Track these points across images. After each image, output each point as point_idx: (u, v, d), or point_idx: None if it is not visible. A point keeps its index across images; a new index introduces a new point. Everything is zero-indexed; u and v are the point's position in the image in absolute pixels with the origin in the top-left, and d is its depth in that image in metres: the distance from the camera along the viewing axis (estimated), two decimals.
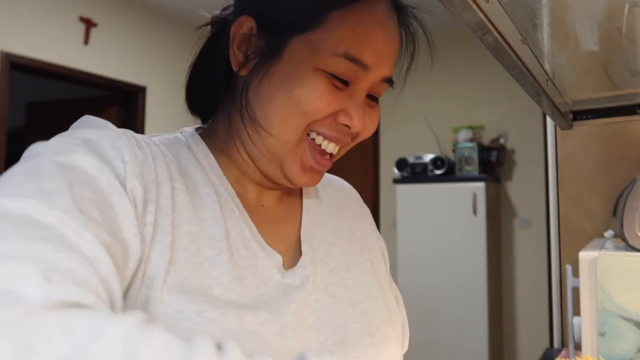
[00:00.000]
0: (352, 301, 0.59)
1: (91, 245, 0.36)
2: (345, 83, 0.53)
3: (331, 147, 0.55)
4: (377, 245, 0.70)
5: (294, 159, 0.55)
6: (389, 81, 0.57)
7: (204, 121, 0.63)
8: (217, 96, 0.60)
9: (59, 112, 3.91)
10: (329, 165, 0.57)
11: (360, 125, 0.54)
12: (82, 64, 3.41)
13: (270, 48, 0.53)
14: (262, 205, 0.60)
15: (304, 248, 0.59)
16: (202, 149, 0.57)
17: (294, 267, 0.56)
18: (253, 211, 0.57)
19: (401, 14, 0.58)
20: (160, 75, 3.90)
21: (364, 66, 0.53)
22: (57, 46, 3.27)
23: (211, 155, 0.57)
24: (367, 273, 0.64)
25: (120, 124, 3.57)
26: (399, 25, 0.58)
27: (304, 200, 0.64)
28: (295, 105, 0.52)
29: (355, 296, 0.60)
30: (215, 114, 0.61)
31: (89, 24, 3.43)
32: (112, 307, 0.37)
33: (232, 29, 0.55)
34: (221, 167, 0.57)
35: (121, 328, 0.28)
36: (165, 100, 3.93)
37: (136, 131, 0.55)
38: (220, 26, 0.59)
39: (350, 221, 0.68)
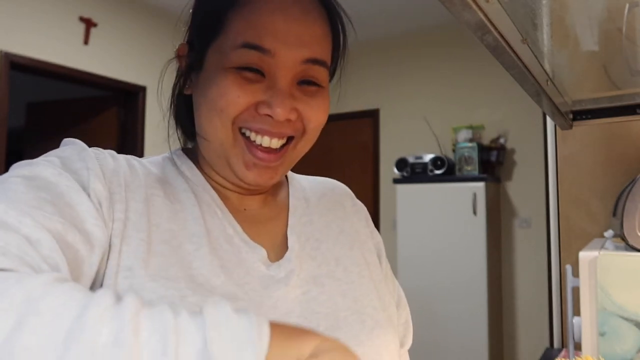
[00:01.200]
0: (341, 292, 0.60)
1: (31, 228, 0.39)
2: (259, 73, 0.54)
3: (266, 141, 0.55)
4: (370, 240, 0.71)
5: (237, 158, 0.56)
6: (319, 63, 0.56)
7: (191, 139, 0.66)
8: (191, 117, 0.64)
9: (59, 112, 3.91)
10: (275, 160, 0.56)
11: (285, 113, 0.53)
12: (82, 63, 3.41)
13: (194, 62, 0.58)
14: (245, 209, 0.62)
15: (290, 243, 0.61)
16: (185, 163, 0.61)
17: (280, 260, 0.58)
18: (237, 213, 0.60)
19: None
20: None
21: (266, 51, 0.53)
22: (57, 46, 3.27)
23: (194, 167, 0.61)
24: (358, 266, 0.65)
25: (120, 124, 3.54)
26: (324, 9, 0.58)
27: (291, 203, 0.66)
28: (211, 105, 0.54)
29: (344, 287, 0.61)
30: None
31: (89, 24, 3.43)
32: None
33: (176, 58, 0.62)
34: (205, 177, 0.61)
35: (27, 286, 0.30)
36: (166, 100, 3.92)
37: (136, 131, 0.57)
38: None
39: (340, 218, 0.69)
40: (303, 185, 0.71)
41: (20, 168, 0.47)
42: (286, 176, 0.70)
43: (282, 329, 0.33)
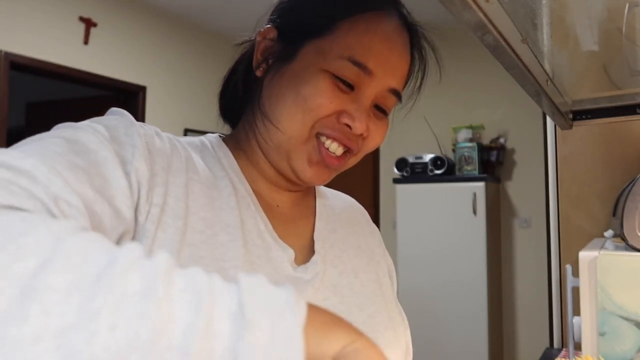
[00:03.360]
0: (358, 304, 0.61)
1: (61, 189, 0.37)
2: (350, 87, 0.57)
3: (334, 147, 0.57)
4: (384, 261, 0.73)
5: (301, 153, 0.57)
6: (396, 94, 0.60)
7: (233, 128, 0.67)
8: (242, 105, 0.65)
9: (58, 112, 3.91)
10: (336, 164, 0.58)
11: (362, 127, 0.56)
12: (82, 63, 3.41)
13: (285, 51, 0.59)
14: (277, 206, 0.63)
15: (317, 247, 0.62)
16: (223, 150, 0.62)
17: (307, 263, 0.59)
18: (268, 209, 0.61)
19: (411, 33, 0.64)
20: (160, 75, 3.90)
21: (367, 71, 0.56)
22: (57, 46, 3.27)
23: (231, 155, 0.61)
24: (372, 282, 0.66)
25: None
26: (409, 44, 0.62)
27: (318, 207, 0.68)
28: (300, 102, 0.55)
29: (360, 300, 0.62)
30: (240, 122, 0.66)
31: (88, 23, 3.43)
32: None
33: (258, 37, 0.62)
34: (240, 168, 0.61)
35: (55, 227, 0.29)
36: (165, 100, 3.93)
37: None
38: (253, 43, 0.65)
39: (357, 234, 0.71)
40: (327, 195, 0.73)
41: (63, 129, 0.45)
42: None
43: (318, 313, 0.30)
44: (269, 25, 0.61)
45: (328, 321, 0.31)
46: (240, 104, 0.65)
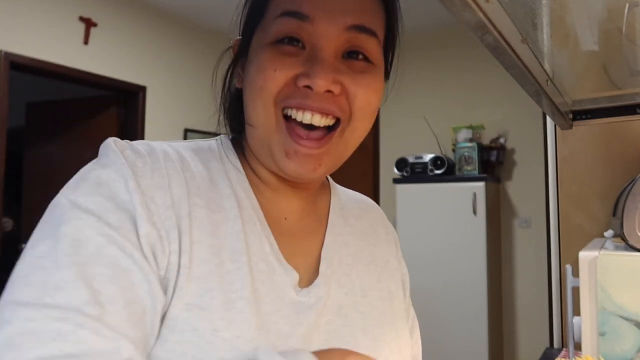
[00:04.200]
0: (362, 327, 0.58)
1: (107, 340, 0.39)
2: (298, 45, 0.51)
3: (307, 118, 0.50)
4: (398, 272, 0.70)
5: (278, 146, 0.52)
6: (364, 30, 0.52)
7: (240, 133, 0.63)
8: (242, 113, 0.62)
9: (58, 112, 3.91)
10: (317, 147, 0.51)
11: (325, 83, 0.49)
12: (82, 63, 3.41)
13: (242, 49, 0.57)
14: (285, 218, 0.59)
15: (322, 268, 0.58)
16: (232, 159, 0.57)
17: (309, 287, 0.55)
18: (275, 224, 0.57)
19: None
20: (160, 75, 3.90)
21: (304, 17, 0.50)
22: (57, 46, 3.27)
23: (239, 165, 0.57)
24: (383, 301, 0.63)
25: (120, 124, 3.53)
26: None
27: (330, 218, 0.63)
28: (252, 86, 0.52)
29: (366, 322, 0.59)
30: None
31: (88, 23, 3.42)
32: None
33: (232, 52, 0.60)
34: (248, 178, 0.57)
35: None
36: (165, 100, 3.93)
37: (136, 131, 0.56)
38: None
39: (372, 246, 0.67)
40: (343, 200, 0.68)
41: (65, 226, 0.43)
42: (330, 184, 0.68)
43: (330, 356, 0.35)
44: (235, 38, 0.60)
45: (334, 356, 0.35)
46: (239, 113, 0.61)
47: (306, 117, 0.50)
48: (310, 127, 0.51)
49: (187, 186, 0.50)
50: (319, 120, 0.51)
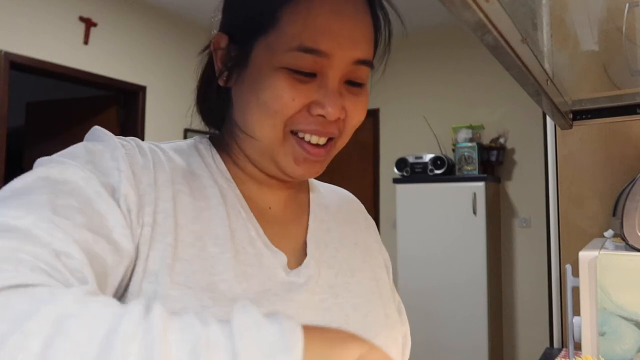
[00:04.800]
0: (353, 304, 0.60)
1: (61, 242, 0.39)
2: (311, 75, 0.54)
3: (315, 139, 0.55)
4: (380, 256, 0.72)
5: (285, 154, 0.56)
6: (365, 63, 0.56)
7: (217, 130, 0.65)
8: (222, 110, 0.63)
9: (58, 112, 3.91)
10: (324, 154, 0.57)
11: (336, 112, 0.54)
12: (82, 63, 3.41)
13: (239, 57, 0.56)
14: (270, 208, 0.61)
15: (309, 249, 0.60)
16: (212, 155, 0.60)
17: (299, 267, 0.58)
18: (260, 213, 0.59)
19: None
20: (160, 75, 3.90)
21: (322, 54, 0.53)
22: (57, 46, 3.27)
23: (220, 160, 0.60)
24: (369, 280, 0.65)
25: (120, 124, 3.53)
26: (366, 3, 0.57)
27: (312, 207, 0.66)
28: (263, 107, 0.54)
29: (357, 300, 0.61)
30: (223, 126, 0.64)
31: (89, 23, 3.43)
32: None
33: (212, 46, 0.60)
34: (229, 171, 0.60)
35: (58, 303, 0.29)
36: (165, 100, 3.93)
37: (136, 131, 0.56)
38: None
39: (354, 231, 0.70)
40: (322, 192, 0.71)
41: (48, 167, 0.45)
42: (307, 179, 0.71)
43: (323, 334, 0.32)
44: (219, 32, 0.59)
45: (336, 337, 0.32)
46: (219, 110, 0.63)
47: (314, 139, 0.56)
48: (315, 145, 0.56)
49: (171, 175, 0.54)
50: (323, 140, 0.56)
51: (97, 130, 0.53)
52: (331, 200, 0.71)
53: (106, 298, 0.32)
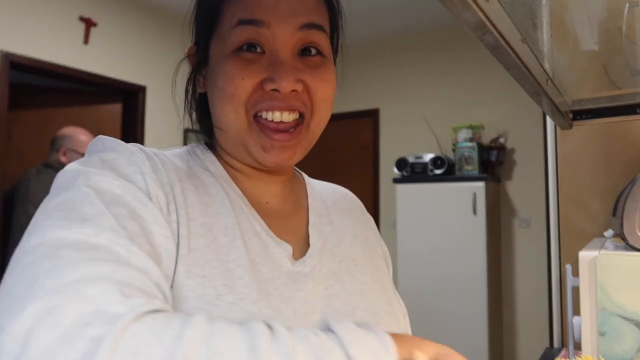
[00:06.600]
0: (359, 290, 0.62)
1: (139, 258, 0.41)
2: (258, 51, 0.55)
3: (277, 116, 0.55)
4: (379, 248, 0.73)
5: (254, 143, 0.57)
6: (316, 27, 0.56)
7: (210, 135, 0.67)
8: (207, 113, 0.65)
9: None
10: (290, 139, 0.56)
11: (290, 83, 0.54)
12: (82, 63, 3.41)
13: (201, 57, 0.60)
14: (267, 202, 0.63)
15: (312, 240, 0.62)
16: (208, 157, 0.62)
17: (304, 257, 0.59)
18: (260, 208, 0.61)
19: None
20: (160, 75, 3.90)
21: (259, 23, 0.54)
22: (57, 46, 3.27)
23: (216, 160, 0.62)
24: (370, 269, 0.67)
25: (120, 124, 3.51)
26: None
27: (310, 201, 0.68)
28: (222, 94, 0.56)
29: (361, 286, 0.62)
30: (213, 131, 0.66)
31: (89, 23, 3.42)
32: (167, 304, 0.42)
33: (188, 59, 0.64)
34: (226, 172, 0.61)
35: (196, 327, 0.34)
36: (165, 100, 3.93)
37: (136, 131, 0.57)
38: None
39: (353, 223, 0.71)
40: (318, 188, 0.73)
41: (80, 181, 0.46)
42: (303, 177, 0.73)
43: (404, 338, 0.39)
44: (191, 44, 0.63)
45: (414, 340, 0.40)
46: (206, 116, 0.65)
47: (276, 116, 0.56)
48: (279, 123, 0.57)
49: (176, 173, 0.56)
50: (287, 117, 0.56)
51: (105, 140, 0.54)
52: (328, 195, 0.72)
53: (224, 320, 0.36)
